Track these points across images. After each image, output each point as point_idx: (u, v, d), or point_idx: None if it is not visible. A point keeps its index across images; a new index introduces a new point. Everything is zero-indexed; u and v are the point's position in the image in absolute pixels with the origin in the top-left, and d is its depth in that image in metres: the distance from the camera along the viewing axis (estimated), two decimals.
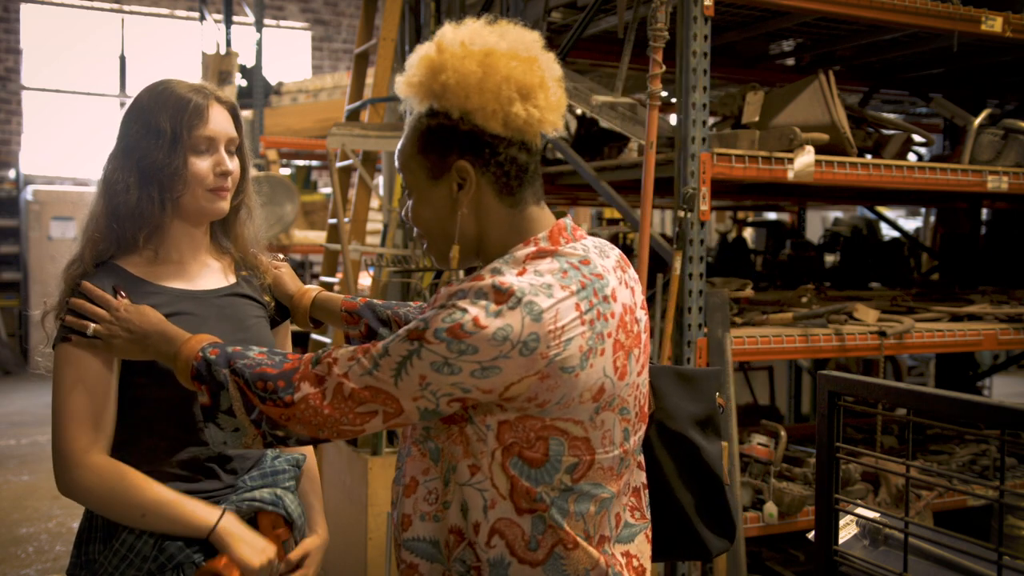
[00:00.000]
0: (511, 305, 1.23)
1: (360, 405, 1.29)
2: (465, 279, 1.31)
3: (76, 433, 1.54)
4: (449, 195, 1.36)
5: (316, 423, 1.32)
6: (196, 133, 1.61)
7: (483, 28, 1.35)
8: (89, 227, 1.64)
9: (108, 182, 1.62)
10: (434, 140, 1.35)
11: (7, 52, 10.46)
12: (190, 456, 1.63)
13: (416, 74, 1.35)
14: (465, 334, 1.22)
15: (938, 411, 1.42)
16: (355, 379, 1.29)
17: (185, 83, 1.66)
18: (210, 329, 1.65)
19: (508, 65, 1.31)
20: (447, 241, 1.38)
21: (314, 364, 1.33)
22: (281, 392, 1.32)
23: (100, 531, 1.60)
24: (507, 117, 1.32)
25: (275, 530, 1.65)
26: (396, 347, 1.27)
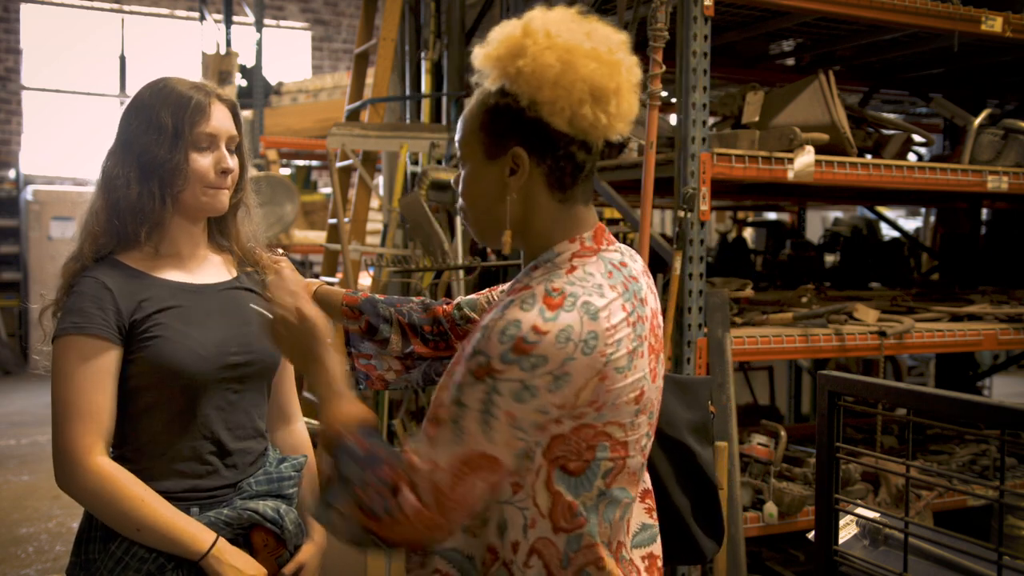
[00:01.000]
0: (567, 307, 1.23)
1: (457, 487, 1.21)
2: (500, 301, 1.29)
3: (79, 430, 1.53)
4: (501, 177, 1.34)
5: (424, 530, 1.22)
6: (197, 130, 1.61)
7: (572, 20, 1.32)
8: (89, 222, 1.64)
9: (108, 177, 1.62)
10: (496, 120, 1.33)
11: (7, 52, 10.46)
12: (191, 451, 1.63)
13: (495, 50, 1.32)
14: (530, 345, 1.19)
15: (938, 411, 1.42)
16: (446, 461, 1.21)
17: (186, 81, 1.66)
18: (212, 322, 1.65)
19: (587, 66, 1.28)
20: (490, 221, 1.37)
21: (402, 465, 1.23)
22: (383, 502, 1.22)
23: (99, 531, 1.60)
24: (574, 117, 1.29)
25: (267, 548, 1.65)
26: (469, 395, 1.21)
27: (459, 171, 1.42)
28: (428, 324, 1.69)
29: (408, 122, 4.24)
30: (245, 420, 1.70)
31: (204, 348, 1.61)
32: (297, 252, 7.79)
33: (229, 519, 1.63)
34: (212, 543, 1.58)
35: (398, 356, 1.70)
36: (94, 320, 1.55)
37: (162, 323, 1.60)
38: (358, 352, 1.71)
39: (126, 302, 1.58)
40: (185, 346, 1.60)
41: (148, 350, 1.58)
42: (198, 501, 1.63)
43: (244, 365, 1.67)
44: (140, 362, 1.58)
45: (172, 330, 1.60)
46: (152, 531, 1.54)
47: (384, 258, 3.78)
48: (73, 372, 1.54)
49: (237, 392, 1.68)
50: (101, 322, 1.55)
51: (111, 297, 1.57)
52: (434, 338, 1.69)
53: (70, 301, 1.58)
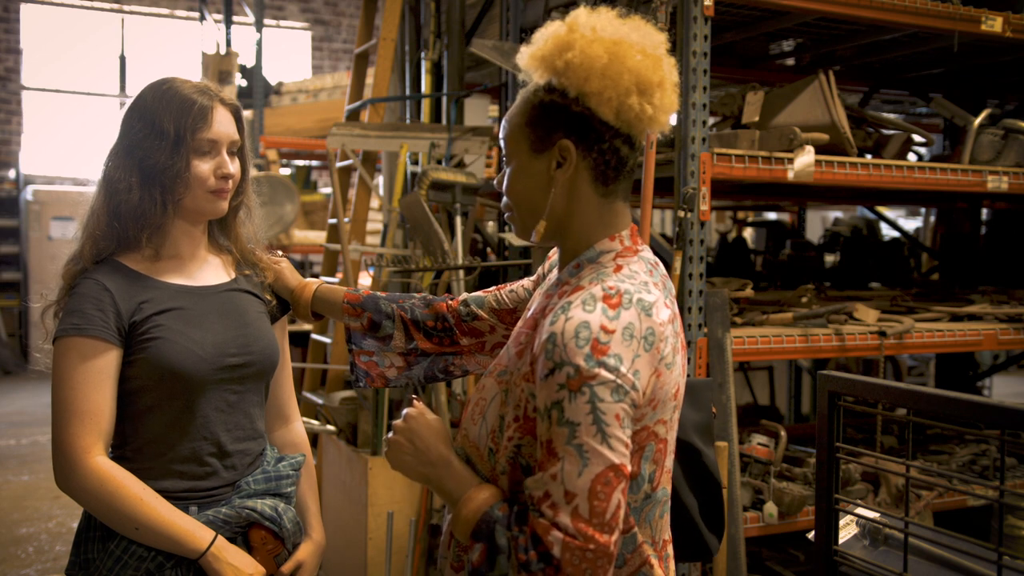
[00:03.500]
0: (625, 305, 1.25)
1: (604, 506, 1.20)
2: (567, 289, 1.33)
3: (79, 431, 1.54)
4: (547, 171, 1.36)
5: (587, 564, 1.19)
6: (199, 136, 1.62)
7: (616, 19, 1.36)
8: (90, 224, 1.64)
9: (110, 180, 1.62)
10: (544, 115, 1.36)
11: (7, 52, 10.46)
12: (190, 451, 1.63)
13: (542, 48, 1.36)
14: (605, 345, 1.21)
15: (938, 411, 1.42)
16: (577, 483, 1.19)
17: (190, 83, 1.66)
18: (211, 324, 1.66)
19: (634, 58, 1.31)
20: (534, 214, 1.39)
21: (539, 514, 1.22)
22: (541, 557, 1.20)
23: (98, 531, 1.61)
24: (620, 108, 1.32)
25: (266, 546, 1.66)
26: (573, 411, 1.20)
27: (503, 171, 1.44)
28: (431, 319, 1.70)
29: (408, 122, 4.24)
30: (244, 421, 1.70)
31: (203, 349, 1.62)
32: (297, 252, 7.79)
33: (228, 518, 1.63)
34: (211, 541, 1.58)
35: (400, 352, 1.71)
36: (94, 322, 1.56)
37: (161, 324, 1.60)
38: (359, 349, 1.72)
39: (126, 304, 1.59)
40: (184, 347, 1.60)
41: (147, 351, 1.58)
42: (196, 500, 1.63)
43: (243, 366, 1.68)
44: (140, 363, 1.59)
45: (171, 331, 1.60)
46: (150, 530, 1.55)
47: (384, 258, 3.78)
48: (73, 373, 1.54)
49: (236, 393, 1.68)
50: (101, 324, 1.56)
51: (111, 299, 1.58)
52: (438, 333, 1.70)
53: (70, 302, 1.58)
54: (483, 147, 3.91)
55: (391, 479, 3.36)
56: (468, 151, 3.87)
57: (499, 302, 1.68)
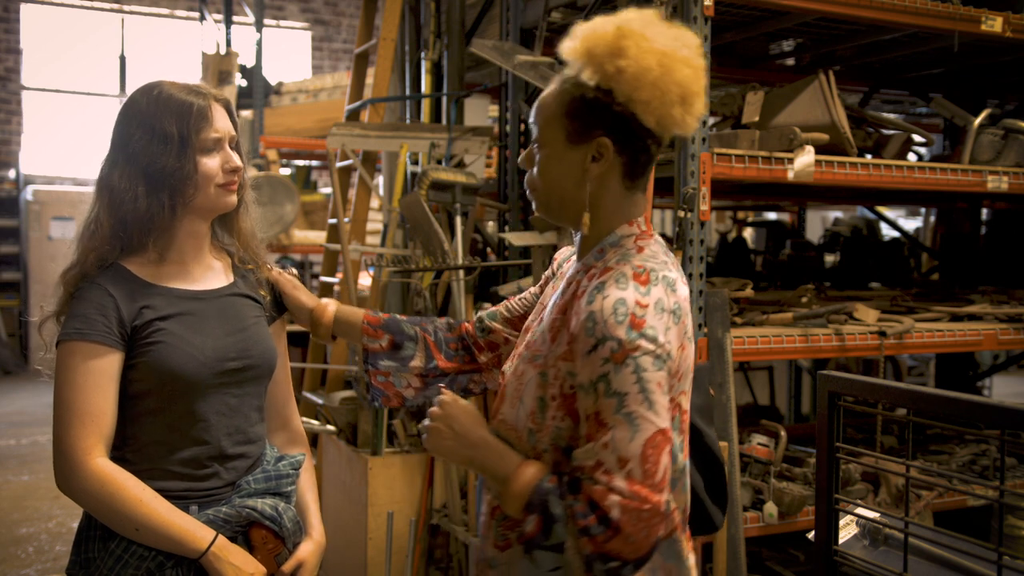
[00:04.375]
0: (653, 281, 1.35)
1: (655, 464, 1.28)
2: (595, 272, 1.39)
3: (80, 432, 1.54)
4: (581, 163, 1.43)
5: (643, 524, 1.27)
6: (203, 135, 1.63)
7: (660, 23, 1.42)
8: (95, 233, 1.64)
9: (114, 191, 1.62)
10: (585, 109, 1.42)
11: (7, 52, 10.46)
12: (191, 454, 1.64)
13: (590, 46, 1.40)
14: (641, 319, 1.30)
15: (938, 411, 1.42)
16: (629, 448, 1.27)
17: (179, 84, 1.66)
18: (211, 328, 1.67)
19: (682, 71, 1.39)
20: (564, 202, 1.46)
21: (593, 481, 1.29)
22: (600, 521, 1.27)
23: (99, 531, 1.61)
24: (663, 117, 1.40)
25: (267, 545, 1.66)
26: (620, 381, 1.28)
27: (532, 150, 1.50)
28: (453, 341, 1.76)
29: (408, 122, 4.24)
30: (244, 424, 1.71)
31: (203, 354, 1.63)
32: (297, 252, 7.79)
33: (228, 517, 1.64)
34: (211, 541, 1.59)
35: (419, 373, 1.75)
36: (97, 326, 1.57)
37: (163, 329, 1.61)
38: (375, 370, 1.75)
39: (128, 309, 1.60)
40: (185, 352, 1.62)
41: (149, 355, 1.60)
42: (196, 499, 1.64)
43: (242, 370, 1.69)
44: (141, 367, 1.60)
45: (172, 336, 1.62)
46: (151, 530, 1.55)
47: (384, 258, 3.78)
48: (75, 376, 1.55)
49: (236, 397, 1.70)
50: (104, 328, 1.57)
51: (114, 303, 1.59)
52: (458, 353, 1.75)
53: (74, 307, 1.60)
54: (483, 147, 3.90)
55: (391, 479, 3.36)
56: (468, 151, 3.87)
57: (510, 311, 1.74)
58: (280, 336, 1.85)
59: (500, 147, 3.72)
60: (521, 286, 3.33)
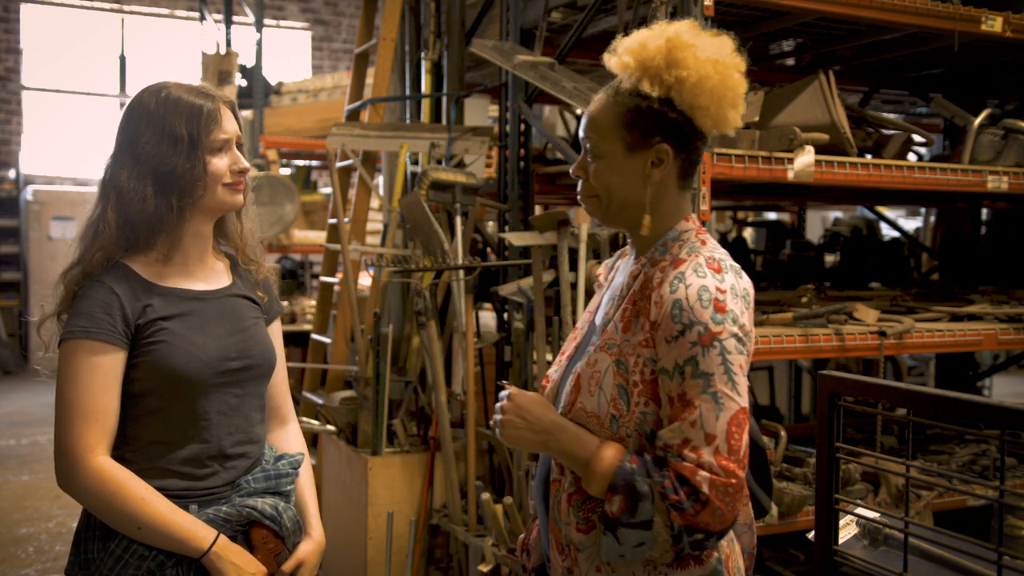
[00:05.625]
0: (725, 270, 1.46)
1: (739, 440, 1.38)
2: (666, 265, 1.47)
3: (82, 430, 1.55)
4: (641, 169, 1.52)
5: (729, 498, 1.36)
6: (212, 136, 1.65)
7: (701, 30, 1.51)
8: (102, 233, 1.64)
9: (122, 191, 1.63)
10: (642, 119, 1.50)
11: (7, 52, 10.46)
12: (191, 454, 1.65)
13: (647, 59, 1.48)
14: (723, 303, 1.41)
15: (938, 411, 1.42)
16: (720, 428, 1.37)
17: (185, 85, 1.68)
18: (213, 329, 1.68)
19: (734, 76, 1.49)
20: (625, 207, 1.54)
21: (680, 459, 1.37)
22: (690, 496, 1.36)
23: (98, 530, 1.61)
24: (719, 120, 1.50)
25: (267, 545, 1.66)
26: (707, 363, 1.38)
27: (584, 160, 1.57)
28: None
29: (408, 122, 4.24)
30: (244, 424, 1.72)
31: (205, 353, 1.64)
32: (297, 252, 7.79)
33: (228, 516, 1.64)
34: (213, 540, 1.59)
35: None
36: (101, 325, 1.58)
37: (165, 329, 1.62)
38: None
39: (132, 307, 1.61)
40: (187, 352, 1.62)
41: (151, 355, 1.60)
42: (196, 499, 1.65)
43: (243, 370, 1.70)
44: (143, 367, 1.61)
45: (175, 336, 1.62)
46: (152, 529, 1.55)
47: (384, 258, 3.78)
48: (79, 374, 1.56)
49: (237, 397, 1.70)
50: (108, 327, 1.58)
51: (118, 302, 1.60)
52: None
53: (78, 305, 1.60)
54: (483, 147, 3.90)
55: (391, 479, 3.36)
56: (468, 151, 3.87)
57: None
58: (277, 336, 1.86)
59: (500, 147, 3.72)
60: (521, 286, 3.33)
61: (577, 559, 1.51)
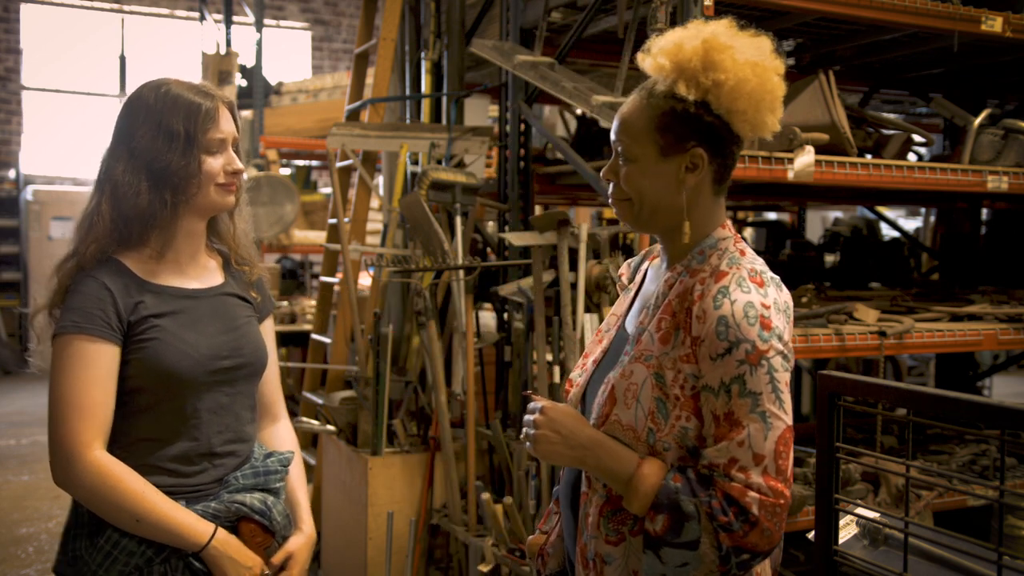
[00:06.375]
0: (768, 283, 1.41)
1: (786, 460, 1.37)
2: (704, 275, 1.43)
3: (80, 425, 1.54)
4: (676, 174, 1.47)
5: (777, 518, 1.35)
6: (209, 136, 1.64)
7: (738, 30, 1.49)
8: (96, 225, 1.64)
9: (116, 184, 1.63)
10: (677, 122, 1.45)
11: (7, 52, 10.46)
12: (181, 451, 1.64)
13: (683, 61, 1.44)
14: (768, 320, 1.37)
15: (938, 411, 1.42)
16: (768, 448, 1.35)
17: (185, 83, 1.68)
18: (205, 327, 1.67)
19: (772, 79, 1.45)
20: (660, 212, 1.49)
21: (727, 479, 1.35)
22: (739, 516, 1.34)
23: (86, 527, 1.61)
24: (756, 124, 1.46)
25: (255, 539, 1.66)
26: (754, 382, 1.35)
27: (616, 163, 1.51)
28: None
29: (408, 122, 4.23)
30: (235, 423, 1.72)
31: (197, 352, 1.64)
32: (297, 252, 7.78)
33: (217, 512, 1.64)
34: (212, 534, 1.59)
35: None
36: (95, 320, 1.57)
37: (158, 326, 1.62)
38: None
39: (125, 303, 1.60)
40: (180, 350, 1.62)
41: (144, 352, 1.60)
42: (184, 495, 1.64)
43: (235, 368, 1.70)
44: (135, 364, 1.60)
45: (168, 333, 1.62)
46: (151, 523, 1.55)
47: (384, 258, 3.78)
48: (74, 369, 1.55)
49: (228, 395, 1.70)
50: (102, 322, 1.57)
51: (111, 297, 1.59)
52: None
53: (71, 300, 1.59)
54: (483, 147, 3.90)
55: (391, 479, 3.36)
56: (468, 151, 3.87)
57: None
58: (269, 334, 1.85)
59: (500, 147, 3.72)
60: (521, 286, 3.33)
61: (603, 572, 1.47)
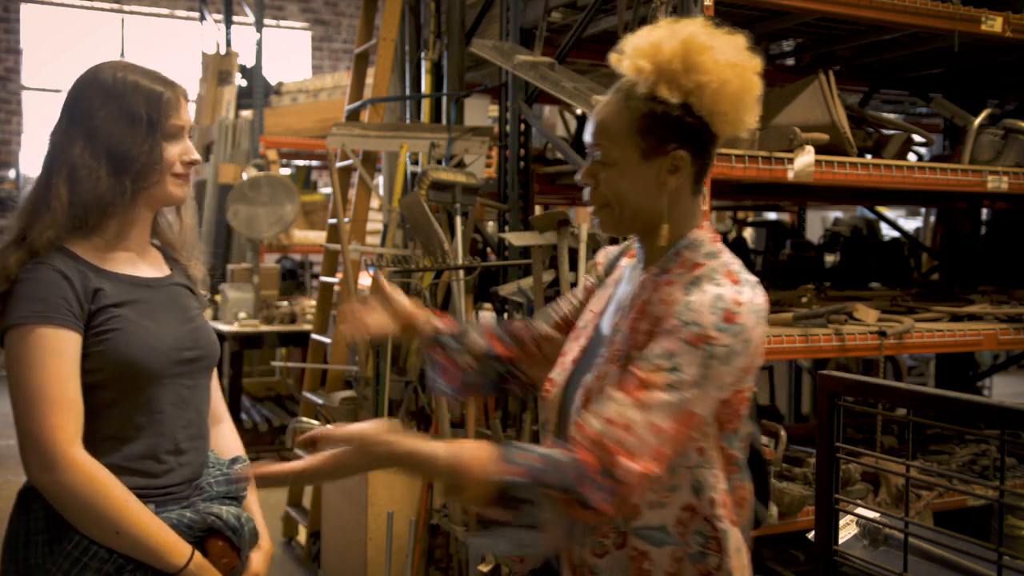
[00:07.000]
0: (743, 283, 1.39)
1: (675, 439, 1.32)
2: (680, 272, 1.43)
3: (60, 421, 1.45)
4: (656, 176, 1.45)
5: (644, 491, 1.32)
6: (171, 121, 1.60)
7: (716, 29, 1.44)
8: (53, 210, 1.54)
9: (73, 167, 1.54)
10: (657, 125, 1.43)
11: (7, 52, 10.46)
12: (147, 449, 1.58)
13: (663, 62, 1.40)
14: (735, 315, 1.33)
15: (938, 411, 1.43)
16: (667, 423, 1.30)
17: (141, 68, 1.64)
18: (164, 317, 1.61)
19: (753, 79, 1.43)
20: (639, 215, 1.47)
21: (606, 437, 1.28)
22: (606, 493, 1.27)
23: (43, 533, 1.51)
24: (736, 124, 1.44)
25: (222, 559, 1.60)
26: (686, 361, 1.31)
27: (594, 166, 1.49)
28: (510, 334, 1.76)
29: (408, 122, 4.24)
30: (196, 418, 1.67)
31: (161, 342, 1.57)
32: (297, 252, 7.79)
33: (192, 522, 1.57)
34: (189, 557, 1.53)
35: (477, 354, 1.72)
36: (59, 309, 1.49)
37: (119, 316, 1.54)
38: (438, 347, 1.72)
39: (85, 292, 1.52)
40: (144, 341, 1.55)
41: (106, 344, 1.52)
42: (154, 498, 1.57)
43: (195, 360, 1.65)
44: (97, 357, 1.52)
45: (131, 323, 1.55)
46: (131, 537, 1.48)
47: (384, 258, 3.78)
48: (44, 361, 1.46)
49: (189, 388, 1.64)
50: (66, 311, 1.49)
51: (70, 286, 1.51)
52: (512, 340, 1.75)
53: (27, 289, 1.49)
54: (483, 147, 3.90)
55: (391, 479, 3.36)
56: (468, 151, 3.87)
57: (559, 314, 1.75)
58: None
59: (500, 147, 3.72)
60: (521, 286, 3.33)
61: None
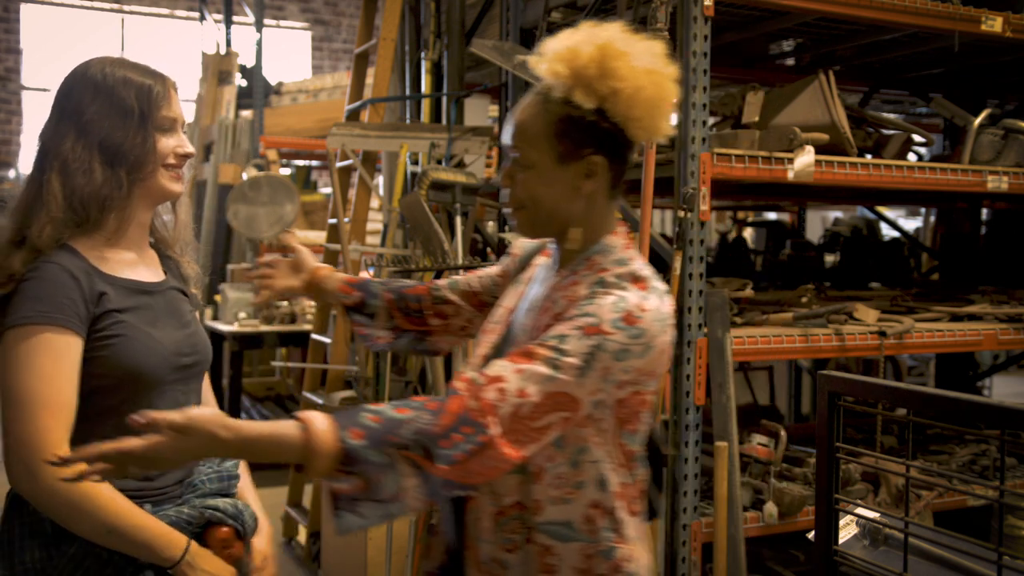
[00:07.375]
0: (651, 289, 1.41)
1: (538, 419, 1.31)
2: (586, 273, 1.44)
3: (50, 424, 1.43)
4: (572, 181, 1.46)
5: (496, 464, 1.30)
6: (162, 114, 1.59)
7: (633, 36, 1.45)
8: (48, 205, 1.52)
9: (64, 160, 1.53)
10: (574, 129, 1.44)
11: (7, 52, 10.46)
12: None
13: (580, 68, 1.41)
14: (636, 319, 1.34)
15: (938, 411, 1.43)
16: (536, 391, 1.30)
17: (130, 62, 1.63)
18: (164, 323, 1.61)
19: (668, 86, 1.44)
20: (553, 219, 1.48)
21: (482, 390, 1.29)
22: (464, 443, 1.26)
23: (40, 536, 1.50)
24: (651, 130, 1.45)
25: (226, 549, 1.59)
26: (574, 344, 1.32)
27: (512, 168, 1.50)
28: (413, 301, 1.83)
29: (408, 122, 4.23)
30: None
31: (165, 348, 1.57)
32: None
33: (191, 518, 1.57)
34: (185, 548, 1.52)
35: (385, 328, 1.84)
36: (64, 310, 1.47)
37: (123, 321, 1.53)
38: (354, 322, 1.86)
39: (91, 295, 1.51)
40: (148, 347, 1.54)
41: (110, 349, 1.51)
42: (150, 498, 1.56)
43: (192, 365, 1.64)
44: (99, 362, 1.50)
45: (134, 329, 1.54)
46: (124, 534, 1.47)
47: (384, 258, 3.78)
48: (42, 363, 1.45)
49: (184, 393, 1.64)
50: (72, 313, 1.47)
51: (78, 287, 1.49)
52: (414, 313, 1.83)
53: (32, 288, 1.48)
54: (483, 147, 3.90)
55: None
56: (468, 151, 3.87)
57: (470, 286, 1.81)
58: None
59: (500, 147, 3.72)
60: None
61: None
